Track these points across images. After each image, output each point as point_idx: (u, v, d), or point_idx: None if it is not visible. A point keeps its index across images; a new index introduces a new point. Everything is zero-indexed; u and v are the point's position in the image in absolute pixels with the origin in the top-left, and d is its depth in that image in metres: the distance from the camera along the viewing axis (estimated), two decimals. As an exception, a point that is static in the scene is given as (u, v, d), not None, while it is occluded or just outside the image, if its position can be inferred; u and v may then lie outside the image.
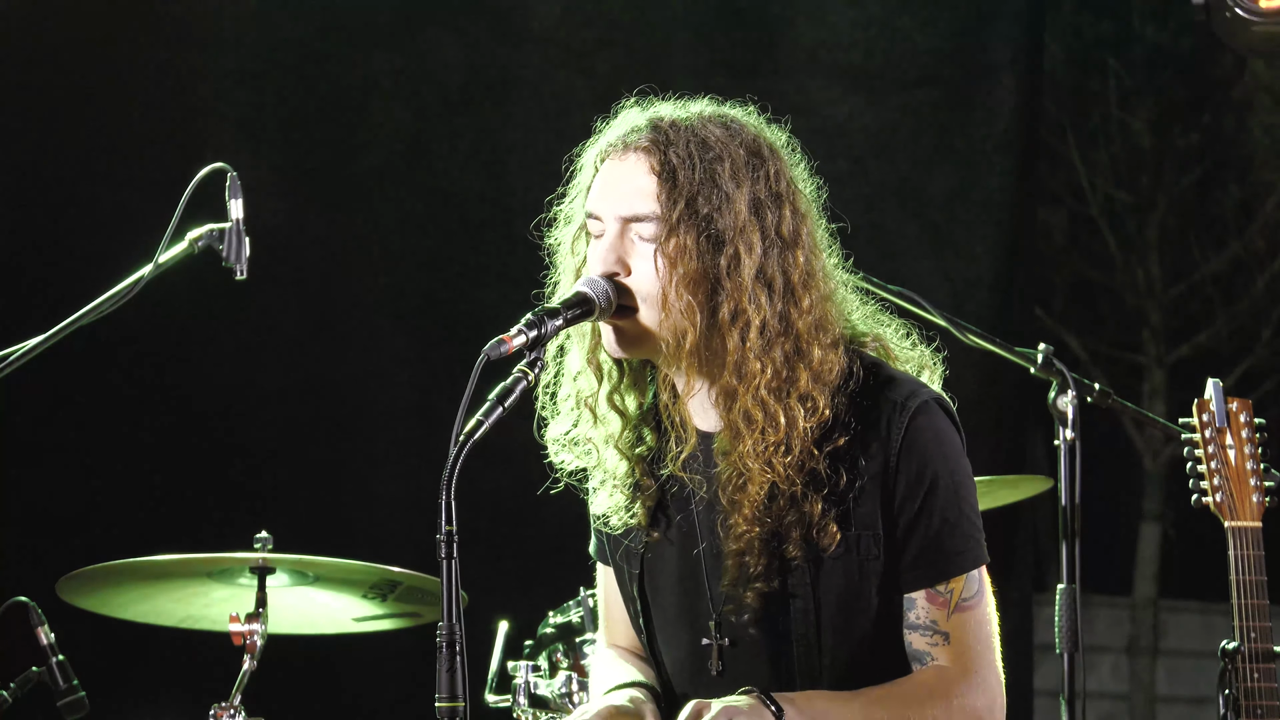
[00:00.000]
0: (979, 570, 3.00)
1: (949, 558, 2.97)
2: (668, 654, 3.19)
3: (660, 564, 3.17)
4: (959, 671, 2.95)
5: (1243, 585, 3.45)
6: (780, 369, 2.96)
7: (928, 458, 2.97)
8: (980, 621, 2.98)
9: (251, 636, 4.14)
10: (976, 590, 2.98)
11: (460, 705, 2.67)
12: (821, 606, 2.99)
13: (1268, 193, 15.44)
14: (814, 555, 2.98)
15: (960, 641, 2.96)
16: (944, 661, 2.96)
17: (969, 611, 2.97)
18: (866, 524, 2.97)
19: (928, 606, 2.97)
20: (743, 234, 2.96)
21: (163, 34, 6.16)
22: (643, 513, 3.14)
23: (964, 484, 3.02)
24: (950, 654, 2.96)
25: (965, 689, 2.94)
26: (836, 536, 2.96)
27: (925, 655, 2.97)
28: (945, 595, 2.96)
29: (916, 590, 2.97)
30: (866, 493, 2.97)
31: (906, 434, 2.96)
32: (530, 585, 5.53)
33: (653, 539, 3.16)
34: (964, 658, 2.96)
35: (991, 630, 3.01)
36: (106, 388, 6.07)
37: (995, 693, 2.97)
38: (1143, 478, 15.89)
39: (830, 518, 2.96)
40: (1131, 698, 15.54)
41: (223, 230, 4.00)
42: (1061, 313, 15.91)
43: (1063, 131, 15.22)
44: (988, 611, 3.00)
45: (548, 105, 6.37)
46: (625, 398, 3.13)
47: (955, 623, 2.96)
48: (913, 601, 2.98)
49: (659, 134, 3.01)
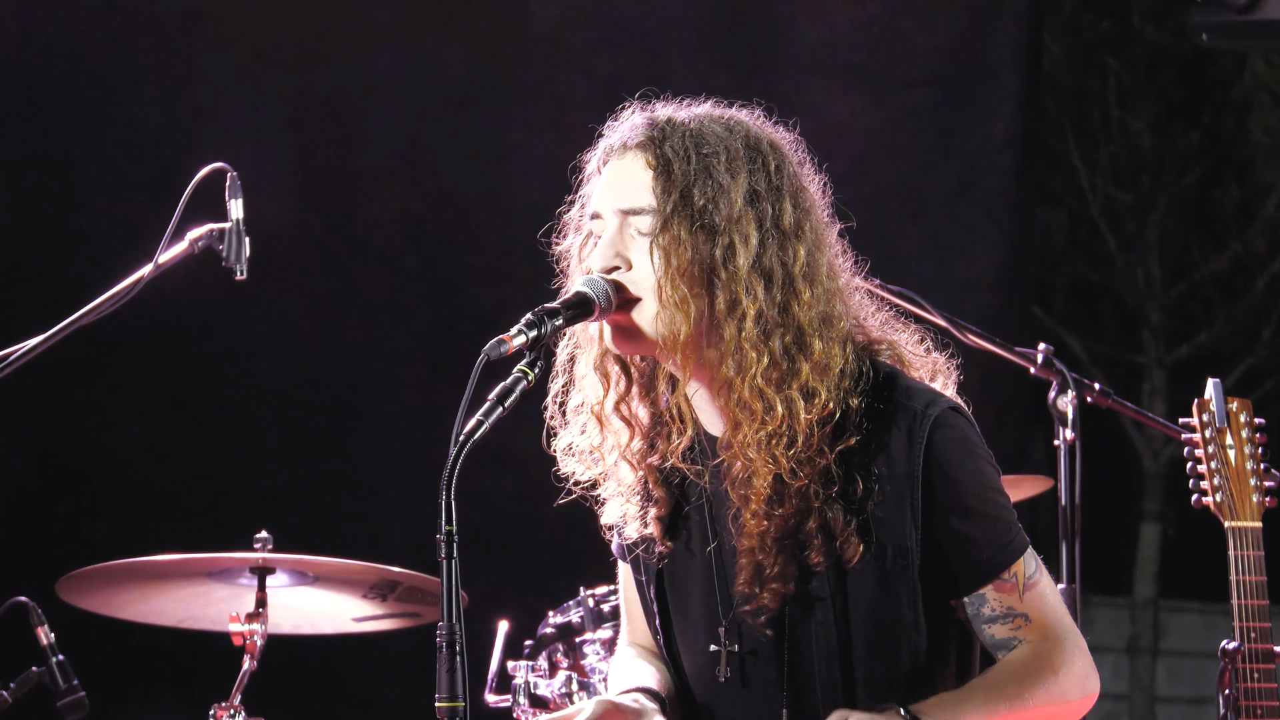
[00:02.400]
0: (1029, 550, 3.03)
1: (1003, 547, 3.00)
2: (686, 657, 3.18)
3: (678, 568, 3.16)
4: (1052, 643, 2.99)
5: (1243, 585, 3.45)
6: (779, 360, 2.95)
7: (957, 466, 2.98)
8: (1050, 592, 3.03)
9: (251, 636, 4.14)
10: (1035, 567, 3.03)
11: (460, 705, 2.67)
12: (851, 618, 3.00)
13: (1268, 193, 15.45)
14: (837, 564, 2.98)
15: (1041, 616, 3.00)
16: (1032, 639, 3.00)
17: (1036, 587, 3.01)
18: (891, 534, 2.97)
19: (999, 596, 2.99)
20: (738, 225, 2.96)
21: (163, 34, 6.16)
22: (657, 520, 3.14)
23: (992, 478, 3.04)
24: (1036, 630, 3.00)
25: (1064, 657, 2.98)
26: (859, 548, 2.96)
27: (1011, 640, 3.01)
28: (1011, 580, 3.00)
29: (983, 586, 3.00)
30: (890, 503, 2.97)
31: (930, 446, 2.96)
32: (530, 585, 5.54)
33: (669, 545, 3.15)
34: (1050, 629, 3.00)
35: (1060, 600, 3.06)
36: (106, 388, 6.07)
37: (1087, 653, 3.04)
38: (1143, 478, 15.90)
39: (852, 528, 2.96)
40: (1131, 698, 15.55)
41: (223, 230, 4.00)
42: (1061, 313, 15.92)
43: (1063, 131, 15.24)
44: (1051, 583, 3.05)
45: (548, 105, 6.37)
46: (635, 406, 3.13)
47: (1030, 601, 3.00)
48: (982, 597, 3.00)
49: (655, 130, 3.01)
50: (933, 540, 2.98)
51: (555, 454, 3.15)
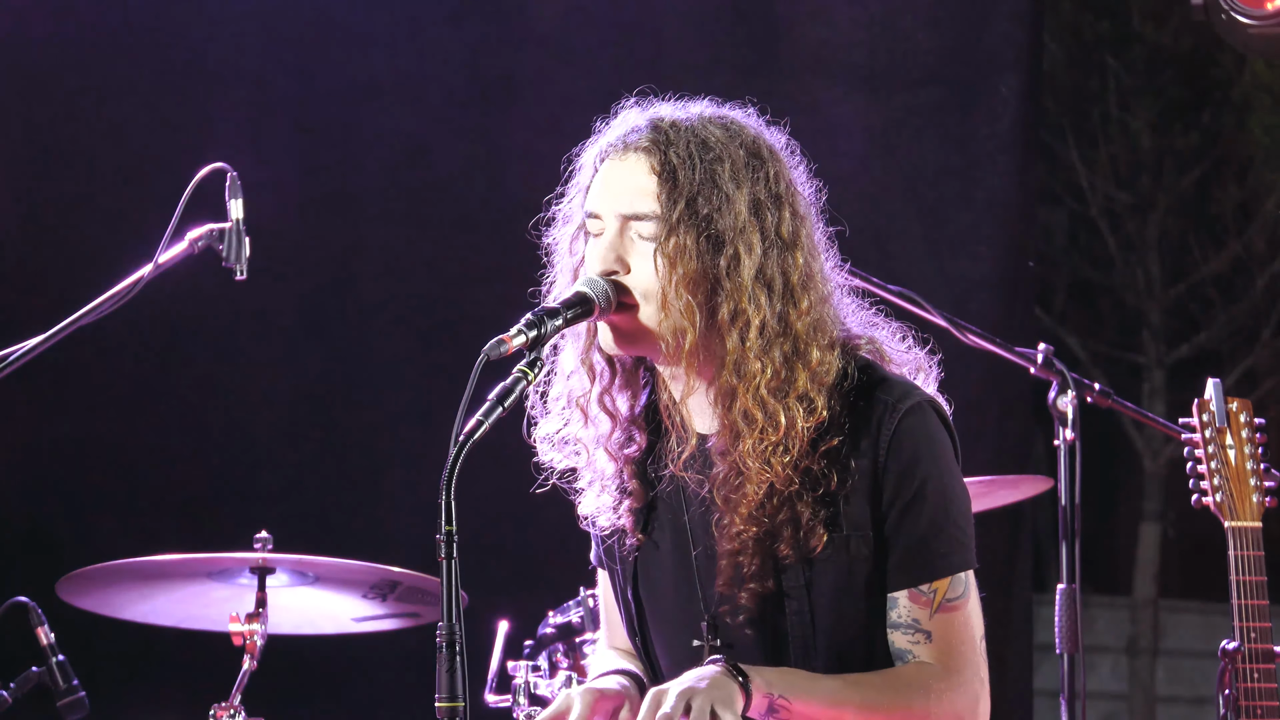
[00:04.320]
0: (966, 574, 2.99)
1: (934, 559, 2.96)
2: (663, 656, 3.19)
3: (653, 566, 3.17)
4: (941, 669, 2.94)
5: (1243, 585, 3.45)
6: (779, 369, 2.96)
7: (917, 459, 2.97)
8: (964, 623, 2.97)
9: (251, 636, 4.14)
10: (962, 592, 2.97)
11: (460, 705, 2.67)
12: (815, 607, 2.99)
13: (1268, 193, 15.44)
14: (805, 555, 2.98)
15: (943, 640, 2.95)
16: (926, 659, 2.96)
17: (953, 612, 2.96)
18: (857, 525, 2.97)
19: (910, 606, 2.96)
20: (743, 234, 2.97)
21: (163, 34, 6.16)
22: (631, 515, 3.14)
23: (952, 487, 3.01)
24: (932, 652, 2.95)
25: (946, 687, 2.93)
26: (824, 538, 2.96)
27: (907, 653, 2.97)
28: (928, 595, 2.96)
29: (900, 590, 2.97)
30: (856, 493, 2.97)
31: (896, 435, 2.96)
32: (530, 585, 5.54)
33: (644, 541, 3.16)
34: (946, 656, 2.95)
35: (976, 634, 2.99)
36: (106, 388, 6.06)
37: (978, 695, 2.97)
38: (1143, 478, 15.89)
39: (820, 519, 2.96)
40: (1131, 698, 15.53)
41: (223, 230, 4.00)
42: (1061, 313, 15.91)
43: (1063, 131, 15.23)
44: (973, 615, 2.99)
45: (549, 105, 6.37)
46: (617, 399, 3.14)
47: (938, 622, 2.96)
48: (895, 601, 2.98)
49: (659, 134, 3.01)
50: (880, 529, 2.97)
51: (534, 443, 3.15)
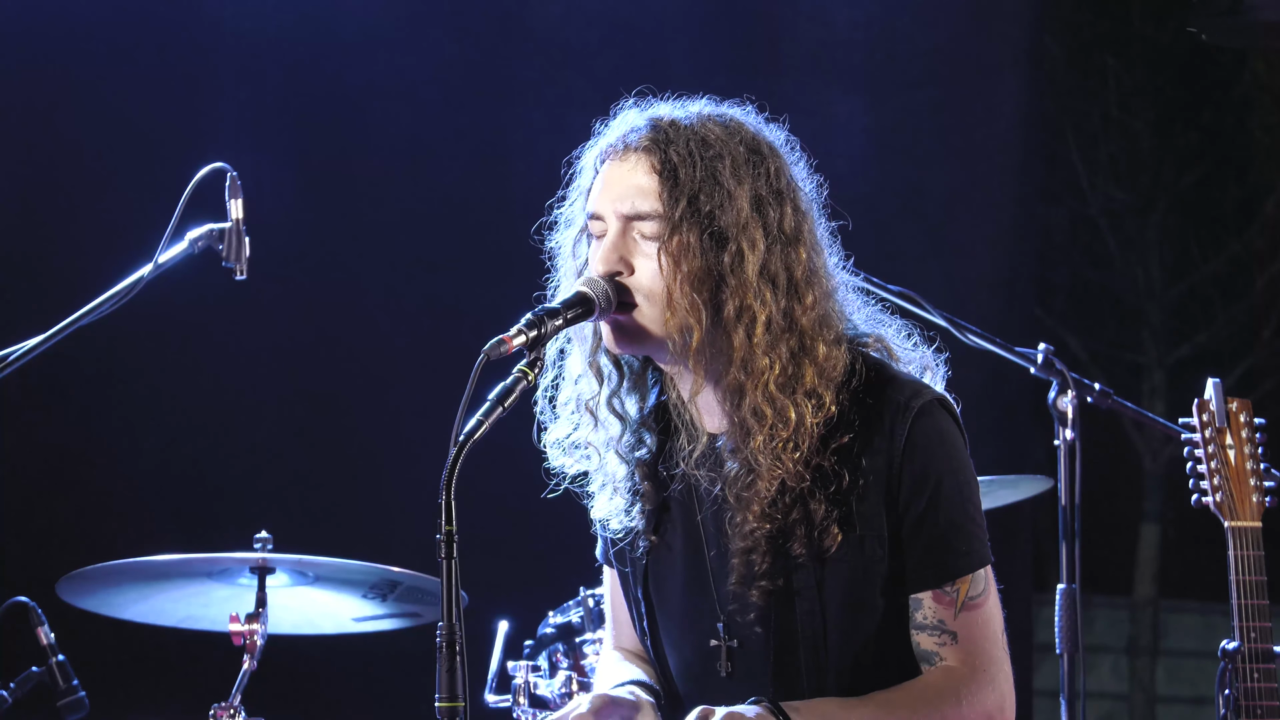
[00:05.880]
0: (985, 570, 2.99)
1: (955, 558, 2.96)
2: (673, 656, 3.19)
3: (664, 566, 3.17)
4: (968, 671, 2.95)
5: (1243, 585, 3.45)
6: (786, 365, 2.96)
7: (932, 459, 2.97)
8: (987, 620, 2.98)
9: (251, 636, 4.14)
10: (983, 589, 2.98)
11: (460, 705, 2.67)
12: (827, 607, 2.99)
13: (1268, 193, 15.45)
14: (818, 554, 2.98)
15: (968, 640, 2.96)
16: (952, 661, 2.96)
17: (976, 610, 2.97)
18: (870, 525, 2.97)
19: (934, 606, 2.97)
20: (745, 231, 2.97)
21: (163, 34, 6.16)
22: (644, 516, 3.14)
23: (968, 484, 3.02)
24: (958, 653, 2.96)
25: (975, 688, 2.94)
26: (838, 537, 2.96)
27: (933, 655, 2.97)
28: (951, 594, 2.96)
29: (923, 590, 2.97)
30: (870, 493, 2.97)
31: (910, 435, 2.96)
32: (530, 585, 5.53)
33: (655, 541, 3.16)
34: (973, 656, 2.96)
35: (999, 629, 3.01)
36: (106, 388, 6.07)
37: (1005, 691, 2.97)
38: (1143, 478, 15.90)
39: (833, 518, 2.96)
40: (1131, 698, 15.55)
41: (223, 230, 4.01)
42: (1061, 313, 15.92)
43: (1063, 131, 15.24)
44: (994, 610, 3.00)
45: (548, 105, 6.37)
46: (625, 401, 3.14)
47: (962, 621, 2.96)
48: (919, 602, 2.98)
49: (659, 133, 3.01)
50: (896, 530, 2.97)
51: (545, 448, 3.16)
